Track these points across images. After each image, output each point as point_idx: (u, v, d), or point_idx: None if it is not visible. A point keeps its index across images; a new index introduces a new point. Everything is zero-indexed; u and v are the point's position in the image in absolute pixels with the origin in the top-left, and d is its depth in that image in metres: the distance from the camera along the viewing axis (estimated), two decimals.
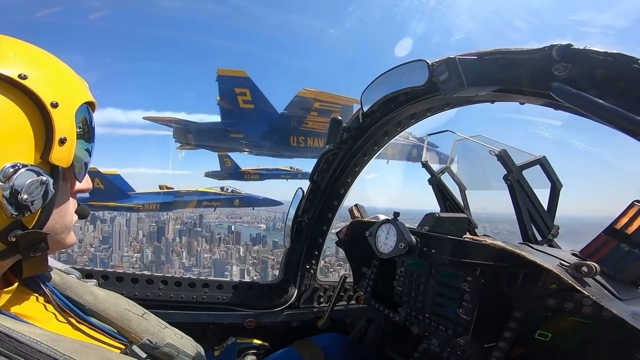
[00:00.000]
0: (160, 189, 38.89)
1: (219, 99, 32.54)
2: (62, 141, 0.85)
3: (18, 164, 0.79)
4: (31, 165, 0.81)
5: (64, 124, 0.86)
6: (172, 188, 39.04)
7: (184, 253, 57.97)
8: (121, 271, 2.35)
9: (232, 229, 62.10)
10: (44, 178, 0.83)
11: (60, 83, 0.89)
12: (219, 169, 39.28)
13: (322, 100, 30.90)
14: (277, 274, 2.75)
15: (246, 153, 35.33)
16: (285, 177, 40.48)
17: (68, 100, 0.88)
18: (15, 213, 0.80)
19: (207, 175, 40.42)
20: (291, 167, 40.32)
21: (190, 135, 32.33)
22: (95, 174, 32.24)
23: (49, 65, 0.90)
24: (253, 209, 42.90)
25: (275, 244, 57.90)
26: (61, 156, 0.86)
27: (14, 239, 0.83)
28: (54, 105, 0.83)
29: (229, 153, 37.52)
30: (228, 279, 2.60)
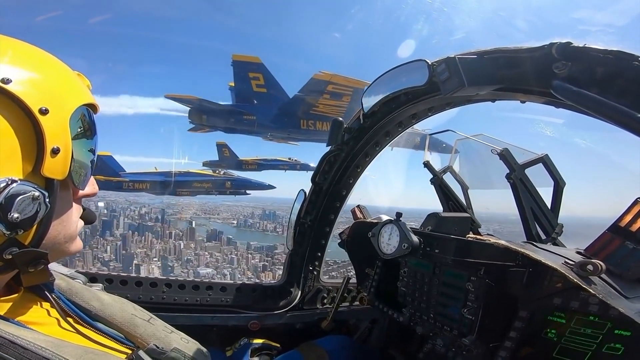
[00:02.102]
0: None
1: (232, 84, 33.74)
2: (55, 151, 0.77)
3: (7, 180, 0.72)
4: (21, 180, 0.74)
5: (56, 132, 0.78)
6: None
7: (108, 247, 55.58)
8: (125, 275, 2.36)
9: (194, 224, 60.41)
10: (37, 193, 0.76)
11: (51, 85, 0.80)
12: (217, 158, 39.72)
13: (335, 83, 31.49)
14: (181, 270, 2.74)
15: (257, 136, 36.09)
16: (283, 168, 41.07)
17: (61, 104, 0.80)
18: (7, 232, 0.75)
19: (205, 164, 40.92)
20: (290, 158, 40.87)
21: (205, 117, 33.07)
22: None
23: (39, 65, 0.82)
24: (246, 192, 42.90)
25: (229, 241, 56.27)
26: (54, 168, 0.79)
27: (9, 257, 0.78)
28: (43, 112, 0.75)
29: (228, 144, 38.21)
30: (231, 281, 2.60)
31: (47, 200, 0.79)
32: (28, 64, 0.79)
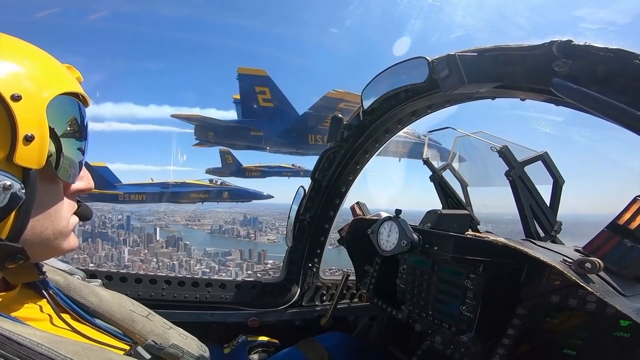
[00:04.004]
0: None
1: (236, 96, 33.45)
2: (28, 139, 0.75)
3: None
4: None
5: (30, 119, 0.76)
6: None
7: None
8: (125, 272, 2.36)
9: (157, 231, 57.16)
10: (8, 182, 0.73)
11: (26, 73, 0.79)
12: (220, 165, 39.42)
13: (348, 101, 30.99)
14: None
15: (265, 151, 35.87)
16: (287, 175, 40.66)
17: (36, 92, 0.78)
18: None
19: (208, 171, 40.50)
20: (293, 165, 40.51)
21: (212, 133, 32.91)
22: None
23: (14, 53, 0.80)
24: (237, 202, 42.86)
25: (185, 246, 53.77)
26: (29, 156, 0.76)
27: None
28: (16, 98, 0.73)
29: (231, 151, 37.94)
30: (231, 278, 2.61)
31: (23, 190, 0.77)
32: (2, 53, 0.78)
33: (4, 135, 0.74)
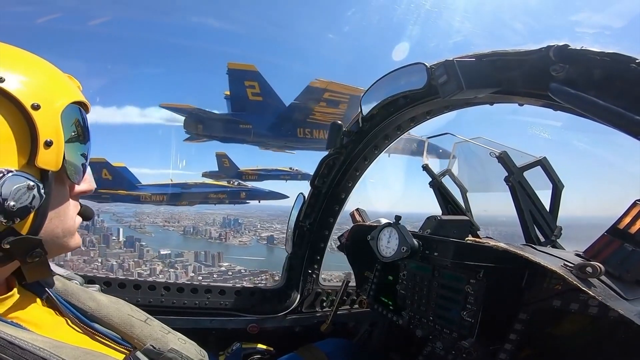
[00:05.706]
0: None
1: (227, 93, 33.48)
2: (48, 144, 0.83)
3: (3, 170, 0.77)
4: (17, 170, 0.79)
5: (49, 126, 0.83)
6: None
7: None
8: (123, 278, 2.35)
9: (120, 231, 57.24)
10: (31, 183, 0.80)
11: (41, 84, 0.86)
12: (216, 169, 39.63)
13: (331, 91, 31.23)
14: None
15: (253, 145, 35.83)
16: (284, 178, 40.86)
17: (51, 101, 0.86)
18: (4, 220, 0.78)
19: (205, 175, 40.60)
20: (290, 168, 40.66)
21: (201, 126, 32.80)
22: (104, 165, 33.92)
23: (29, 66, 0.88)
24: (259, 202, 43.00)
25: (140, 247, 53.84)
26: (48, 159, 0.83)
27: (7, 246, 0.81)
28: (36, 107, 0.81)
29: (227, 154, 37.98)
30: (230, 285, 2.60)
31: (43, 190, 0.83)
32: (18, 64, 0.85)
33: (25, 142, 0.81)
